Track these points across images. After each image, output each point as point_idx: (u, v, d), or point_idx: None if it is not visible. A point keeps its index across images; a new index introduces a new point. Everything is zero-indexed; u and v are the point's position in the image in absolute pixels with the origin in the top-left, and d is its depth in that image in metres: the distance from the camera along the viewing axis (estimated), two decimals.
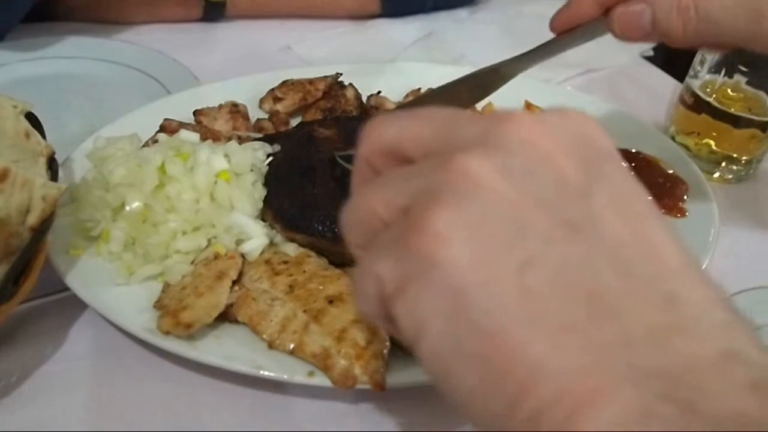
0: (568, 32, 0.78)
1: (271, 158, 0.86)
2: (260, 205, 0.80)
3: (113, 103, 1.14)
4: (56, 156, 0.77)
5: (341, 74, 1.13)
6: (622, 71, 1.41)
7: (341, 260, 0.76)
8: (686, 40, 0.70)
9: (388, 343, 0.66)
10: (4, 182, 0.65)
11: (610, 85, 1.36)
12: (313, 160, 0.83)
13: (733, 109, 1.03)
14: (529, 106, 1.10)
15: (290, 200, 0.79)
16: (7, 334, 0.73)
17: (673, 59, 1.51)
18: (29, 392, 0.69)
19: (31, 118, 0.77)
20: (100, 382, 0.71)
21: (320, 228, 0.76)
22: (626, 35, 0.73)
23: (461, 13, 1.56)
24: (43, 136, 0.77)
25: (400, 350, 0.66)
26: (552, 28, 0.80)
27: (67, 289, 0.74)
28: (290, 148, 0.86)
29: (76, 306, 0.75)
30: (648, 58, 1.47)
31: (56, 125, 1.01)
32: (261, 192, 0.81)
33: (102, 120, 0.99)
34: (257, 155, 0.84)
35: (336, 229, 0.76)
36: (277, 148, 0.87)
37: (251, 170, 0.82)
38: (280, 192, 0.81)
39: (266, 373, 0.65)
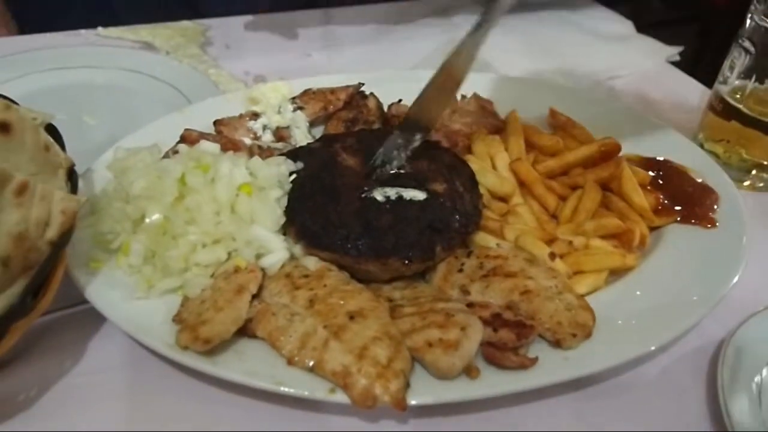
0: None
1: (294, 175, 0.84)
2: (282, 220, 0.79)
3: (134, 112, 1.15)
4: (75, 167, 0.77)
5: (363, 84, 1.12)
6: (648, 76, 1.39)
7: (365, 277, 0.75)
8: None
9: (410, 361, 0.64)
10: (22, 196, 0.64)
11: (636, 91, 1.33)
12: (336, 183, 0.82)
13: (764, 116, 1.00)
14: (554, 113, 1.08)
15: (313, 218, 0.78)
16: (26, 347, 0.73)
17: (700, 64, 1.48)
18: (49, 405, 0.69)
19: (50, 129, 0.77)
20: (119, 395, 0.70)
21: (343, 245, 0.75)
22: None
23: None
24: (63, 147, 0.77)
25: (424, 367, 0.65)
26: None
27: (86, 301, 0.73)
28: (314, 168, 0.85)
29: (96, 319, 0.74)
30: (674, 63, 1.45)
31: (77, 134, 1.01)
32: (283, 207, 0.80)
33: (122, 129, 0.99)
34: (281, 170, 0.84)
35: (359, 246, 0.75)
36: (300, 165, 0.86)
37: (276, 186, 0.81)
38: (304, 210, 0.79)
39: (287, 389, 0.64)
